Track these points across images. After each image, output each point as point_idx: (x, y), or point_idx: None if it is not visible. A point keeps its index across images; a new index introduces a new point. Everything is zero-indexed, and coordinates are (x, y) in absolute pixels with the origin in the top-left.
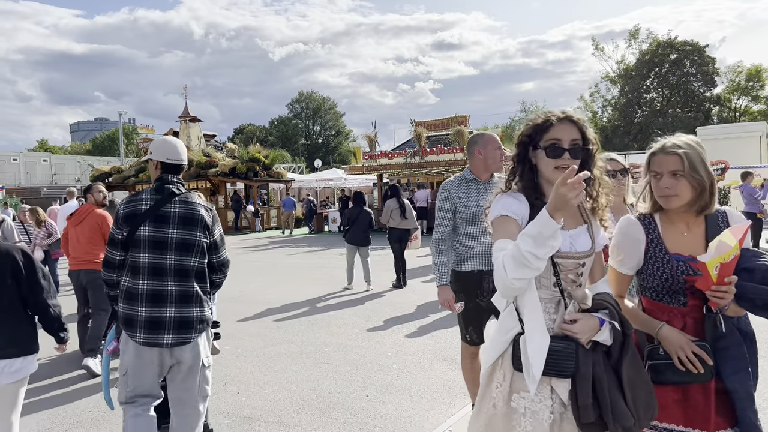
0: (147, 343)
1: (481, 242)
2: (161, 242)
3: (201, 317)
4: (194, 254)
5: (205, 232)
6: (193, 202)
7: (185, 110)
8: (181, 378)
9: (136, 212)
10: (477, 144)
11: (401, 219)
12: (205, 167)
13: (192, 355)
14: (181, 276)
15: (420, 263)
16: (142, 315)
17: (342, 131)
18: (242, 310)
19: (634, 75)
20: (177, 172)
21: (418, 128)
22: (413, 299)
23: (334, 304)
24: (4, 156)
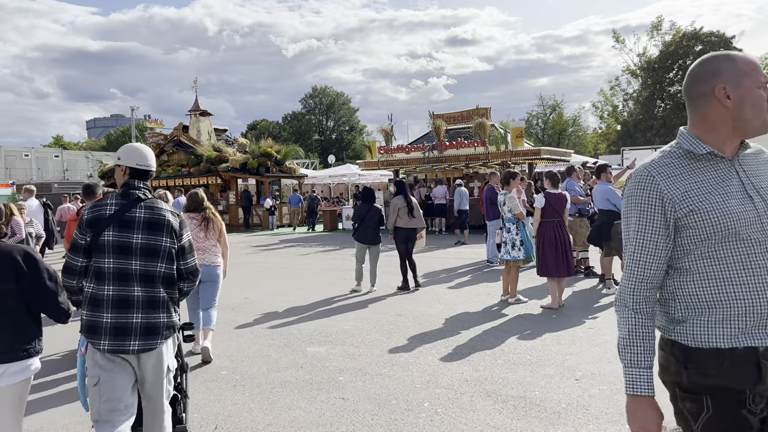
0: (112, 350)
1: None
2: (126, 247)
3: (168, 323)
4: (160, 260)
5: (171, 237)
6: (159, 207)
7: (195, 104)
8: (148, 384)
9: (100, 217)
10: (718, 74)
11: (409, 218)
12: (216, 162)
13: (157, 361)
14: (147, 282)
15: (444, 265)
16: (108, 321)
17: (356, 127)
18: (245, 322)
19: (657, 68)
20: (145, 177)
21: (437, 121)
22: (440, 311)
23: (350, 316)
24: (16, 152)
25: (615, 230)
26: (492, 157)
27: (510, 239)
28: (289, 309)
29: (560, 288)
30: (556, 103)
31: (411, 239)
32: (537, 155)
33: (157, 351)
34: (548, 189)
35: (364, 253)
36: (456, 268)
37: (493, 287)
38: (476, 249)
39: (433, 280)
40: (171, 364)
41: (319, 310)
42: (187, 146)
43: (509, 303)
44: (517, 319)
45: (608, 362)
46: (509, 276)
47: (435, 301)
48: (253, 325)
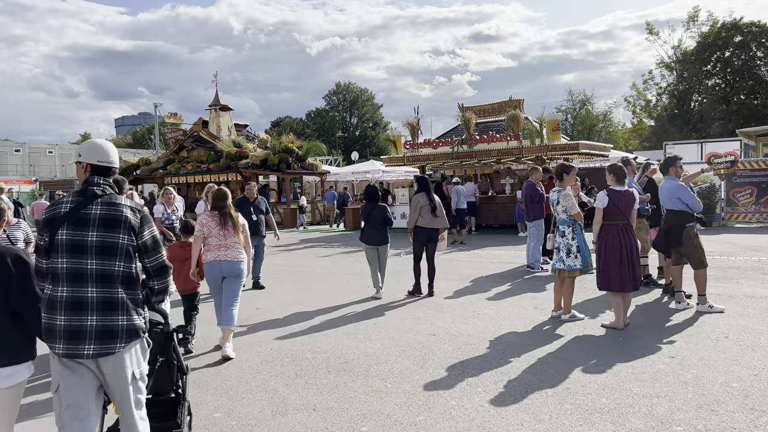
0: (67, 354)
1: None
2: (80, 246)
3: (129, 326)
4: (118, 258)
5: (130, 234)
6: (117, 203)
7: (215, 98)
8: (112, 390)
9: (55, 216)
10: None
11: (432, 217)
12: (235, 158)
13: (118, 367)
14: (104, 282)
15: (477, 270)
16: (62, 324)
17: (379, 123)
18: (252, 341)
19: (693, 60)
20: (106, 174)
21: (467, 113)
22: (481, 330)
23: (373, 335)
24: (40, 149)
25: (688, 234)
26: (526, 151)
27: (564, 245)
28: (304, 323)
29: (626, 304)
30: (586, 98)
31: (432, 240)
32: (575, 150)
33: (117, 356)
34: (611, 185)
35: (374, 255)
36: (492, 275)
37: (539, 299)
38: (510, 251)
39: (467, 288)
40: (137, 371)
41: (338, 325)
42: (206, 142)
43: (563, 320)
44: (576, 343)
45: (711, 410)
46: (563, 288)
47: (473, 316)
48: (261, 344)
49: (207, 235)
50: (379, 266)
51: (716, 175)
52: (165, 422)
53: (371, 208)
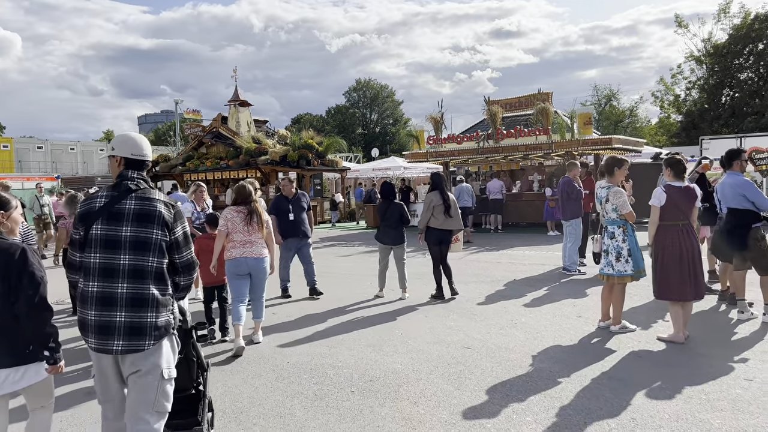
0: (97, 348)
1: None
2: (114, 241)
3: (158, 323)
4: (151, 253)
5: (163, 229)
6: (151, 198)
7: (235, 94)
8: (133, 389)
9: (90, 210)
10: None
11: (445, 218)
12: (255, 155)
13: (147, 364)
14: (136, 277)
15: (508, 272)
16: (92, 319)
17: (400, 120)
18: (268, 353)
19: (725, 53)
20: (140, 168)
21: (493, 107)
22: (521, 342)
23: (401, 347)
24: (62, 145)
25: (753, 236)
26: (555, 146)
27: (614, 247)
28: (325, 332)
29: (686, 315)
30: (612, 93)
31: (445, 241)
32: (607, 145)
33: (145, 353)
34: (669, 180)
35: (387, 255)
36: (526, 278)
37: (582, 307)
38: (541, 252)
39: (500, 293)
40: (166, 371)
41: (362, 334)
42: (226, 138)
43: (612, 332)
44: (633, 360)
45: None
46: (612, 296)
47: (510, 325)
48: (277, 356)
49: (231, 230)
50: (396, 267)
51: (757, 171)
52: (185, 419)
53: (387, 205)
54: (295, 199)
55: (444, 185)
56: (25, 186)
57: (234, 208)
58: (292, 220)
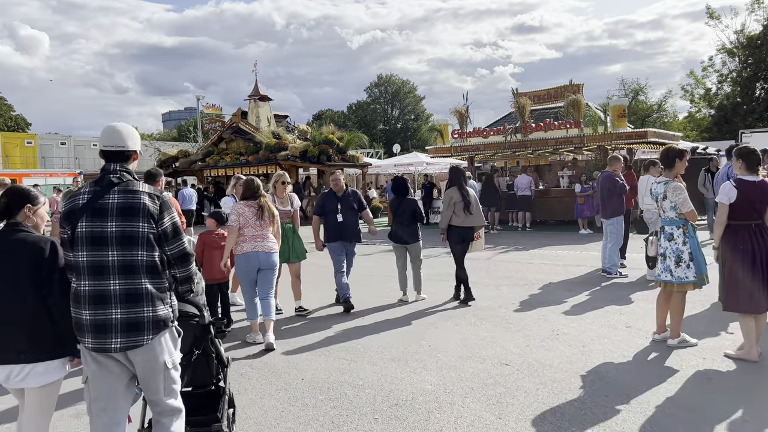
0: (95, 348)
1: None
2: (100, 237)
3: (155, 317)
4: (140, 247)
5: (149, 222)
6: (135, 190)
7: (255, 88)
8: (144, 381)
9: (74, 208)
10: None
11: (465, 215)
12: (275, 150)
13: (147, 359)
14: (128, 273)
15: (542, 274)
16: (88, 319)
17: (421, 115)
18: (280, 366)
19: (759, 44)
20: (122, 159)
21: (521, 99)
22: (567, 357)
23: (429, 362)
24: (85, 141)
25: None
26: (587, 140)
27: (673, 251)
28: (344, 343)
29: (759, 329)
30: (639, 87)
31: (467, 240)
32: (642, 138)
33: (146, 348)
34: (740, 174)
35: (403, 254)
36: (562, 282)
37: (630, 315)
38: (575, 252)
39: (536, 299)
40: (169, 360)
41: (385, 346)
42: (245, 133)
43: (670, 346)
44: (701, 383)
45: None
46: (670, 305)
47: (552, 337)
48: (290, 372)
49: (243, 225)
50: (412, 267)
51: None
52: (205, 415)
53: (399, 201)
54: (345, 196)
55: (463, 180)
56: (48, 182)
57: (245, 203)
58: (341, 221)
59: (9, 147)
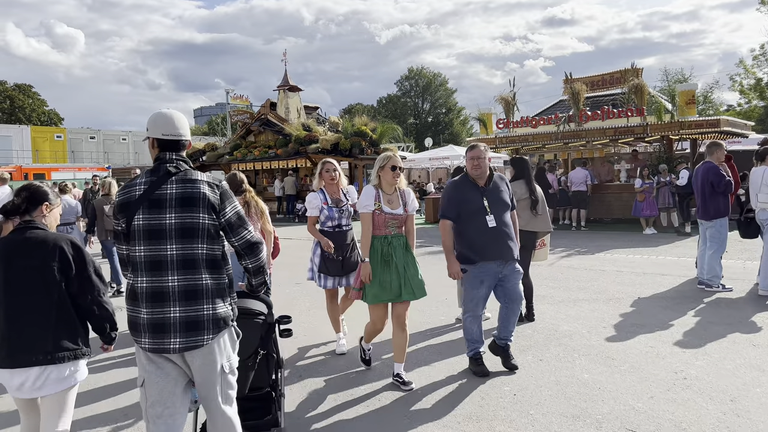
0: (153, 348)
1: None
2: (158, 230)
3: (215, 315)
4: (201, 240)
5: (210, 213)
6: (194, 179)
7: (284, 78)
8: (200, 385)
9: (129, 199)
10: None
11: (531, 215)
12: (305, 143)
13: (205, 361)
14: (187, 267)
15: (623, 284)
16: (145, 317)
17: (453, 109)
18: (297, 423)
19: None
20: (176, 148)
21: (575, 84)
22: (714, 423)
23: (519, 420)
24: (114, 135)
25: None
26: (651, 129)
27: None
28: (396, 393)
29: None
30: (684, 78)
31: (529, 247)
32: (714, 127)
33: (204, 349)
34: None
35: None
36: (653, 296)
37: (763, 344)
38: (649, 256)
39: (631, 321)
40: (227, 364)
41: (455, 398)
42: (274, 125)
43: None
44: None
45: None
46: None
47: (679, 382)
48: (305, 412)
49: None
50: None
51: None
52: (261, 418)
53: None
54: (494, 188)
55: (530, 174)
56: (76, 176)
57: None
58: (494, 227)
59: (39, 141)
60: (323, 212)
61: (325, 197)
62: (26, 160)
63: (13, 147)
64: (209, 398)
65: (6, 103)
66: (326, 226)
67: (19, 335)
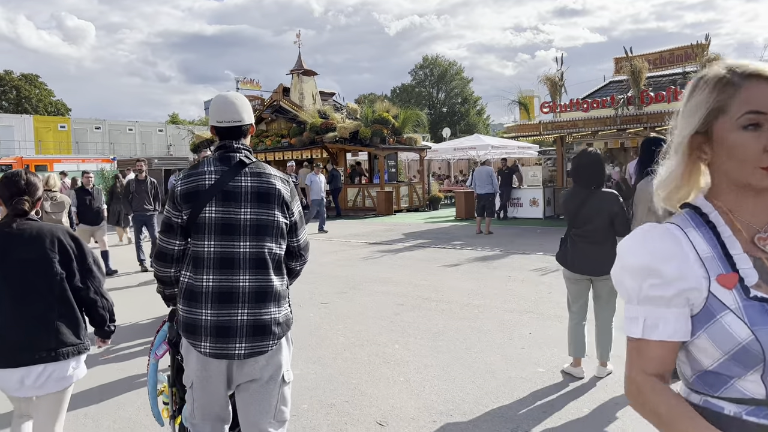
0: (215, 354)
1: None
2: (232, 225)
3: (281, 319)
4: (273, 239)
5: (284, 210)
6: (268, 173)
7: (298, 62)
8: (252, 397)
9: (198, 189)
10: None
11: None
12: (321, 132)
13: (268, 368)
14: (258, 267)
15: None
16: (208, 319)
17: (469, 99)
18: None
19: None
20: (238, 136)
21: (636, 61)
22: None
23: None
24: (120, 126)
25: None
26: None
27: None
28: None
29: None
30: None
31: None
32: None
33: (268, 354)
34: None
35: (584, 293)
36: None
37: None
38: None
39: None
40: (287, 375)
41: None
42: (287, 112)
43: None
44: None
45: None
46: None
47: None
48: None
49: None
50: (597, 316)
51: None
52: None
53: (585, 196)
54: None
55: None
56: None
57: None
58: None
59: (42, 132)
60: None
61: None
62: (29, 151)
63: (15, 137)
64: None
65: (12, 93)
66: None
67: (20, 332)
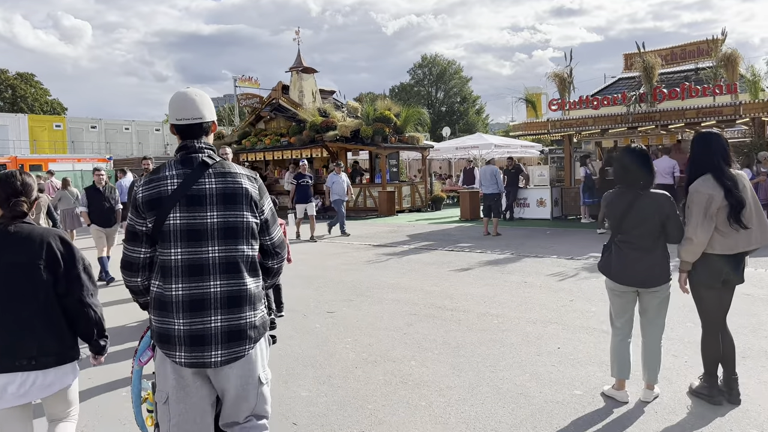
0: (190, 363)
1: None
2: (198, 231)
3: (256, 322)
4: (243, 240)
5: (253, 209)
6: (234, 173)
7: (297, 59)
8: (232, 402)
9: (161, 195)
10: None
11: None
12: (321, 130)
13: (244, 373)
14: (230, 272)
15: None
16: (181, 328)
17: (468, 98)
18: None
19: None
20: (199, 133)
21: (649, 57)
22: None
23: None
24: (116, 125)
25: None
26: (745, 110)
27: None
28: None
29: None
30: None
31: (733, 280)
32: None
33: (244, 360)
34: None
35: (631, 306)
36: None
37: None
38: None
39: None
40: (263, 375)
41: None
42: (286, 110)
43: None
44: None
45: None
46: None
47: None
48: None
49: None
50: (644, 332)
51: None
52: None
53: (632, 197)
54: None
55: (724, 166)
56: (75, 167)
57: None
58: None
59: (37, 131)
60: None
61: None
62: (23, 151)
63: (9, 137)
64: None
65: (8, 93)
66: None
67: (4, 337)
